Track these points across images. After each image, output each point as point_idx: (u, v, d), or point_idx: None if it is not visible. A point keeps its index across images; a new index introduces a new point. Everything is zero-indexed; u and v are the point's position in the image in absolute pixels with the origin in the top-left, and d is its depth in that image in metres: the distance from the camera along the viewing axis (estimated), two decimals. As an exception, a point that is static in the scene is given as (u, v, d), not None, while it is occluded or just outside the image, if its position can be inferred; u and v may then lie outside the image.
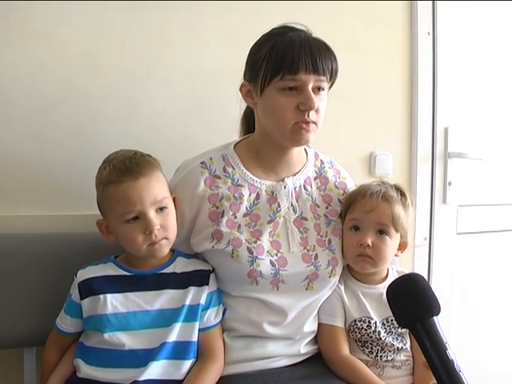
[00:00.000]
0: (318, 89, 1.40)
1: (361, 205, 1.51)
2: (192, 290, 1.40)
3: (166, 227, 1.36)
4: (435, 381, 0.93)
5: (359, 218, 1.51)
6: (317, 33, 1.44)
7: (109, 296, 1.36)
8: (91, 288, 1.37)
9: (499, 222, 2.52)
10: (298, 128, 1.39)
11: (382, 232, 1.51)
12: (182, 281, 1.41)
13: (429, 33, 2.25)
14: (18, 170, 1.65)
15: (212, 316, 1.43)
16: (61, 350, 1.44)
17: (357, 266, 1.54)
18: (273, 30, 1.44)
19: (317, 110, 1.40)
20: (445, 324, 1.58)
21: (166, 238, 1.36)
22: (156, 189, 1.36)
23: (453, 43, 2.30)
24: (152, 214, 1.34)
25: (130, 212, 1.33)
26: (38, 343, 1.51)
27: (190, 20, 1.83)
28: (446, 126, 2.32)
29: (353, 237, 1.52)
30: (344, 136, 2.11)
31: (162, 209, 1.36)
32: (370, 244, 1.49)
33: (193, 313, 1.39)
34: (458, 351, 1.76)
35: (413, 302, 0.95)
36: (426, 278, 2.32)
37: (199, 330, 1.41)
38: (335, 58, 1.42)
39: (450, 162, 2.33)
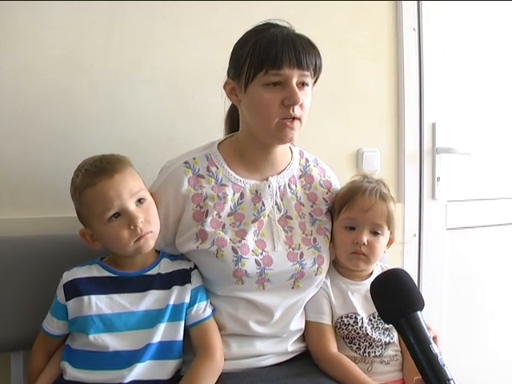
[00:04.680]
0: (302, 84, 1.40)
1: (359, 203, 1.51)
2: (175, 289, 1.40)
3: (149, 221, 1.36)
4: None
5: (356, 217, 1.51)
6: (302, 30, 1.44)
7: (93, 297, 1.35)
8: (76, 289, 1.36)
9: (489, 216, 2.52)
10: (282, 125, 1.39)
11: (376, 231, 1.52)
12: (166, 281, 1.41)
13: (414, 29, 2.25)
14: (1, 172, 1.64)
15: (200, 310, 1.42)
16: (48, 353, 1.43)
17: (350, 264, 1.54)
18: (256, 26, 1.44)
19: (301, 106, 1.39)
20: (435, 320, 1.60)
21: (151, 232, 1.36)
22: (131, 182, 1.36)
23: (438, 39, 2.31)
24: (132, 207, 1.34)
25: (110, 209, 1.32)
26: (25, 347, 1.50)
27: (173, 19, 1.83)
28: (434, 121, 2.32)
29: (348, 235, 1.52)
30: (331, 133, 2.11)
31: (140, 201, 1.37)
32: (366, 243, 1.50)
33: (177, 312, 1.39)
34: (448, 346, 1.76)
35: (396, 298, 0.94)
36: (416, 274, 2.32)
37: (190, 326, 1.41)
38: (319, 54, 1.42)
39: (438, 158, 2.34)
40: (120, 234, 1.33)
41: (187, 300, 1.40)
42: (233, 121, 1.59)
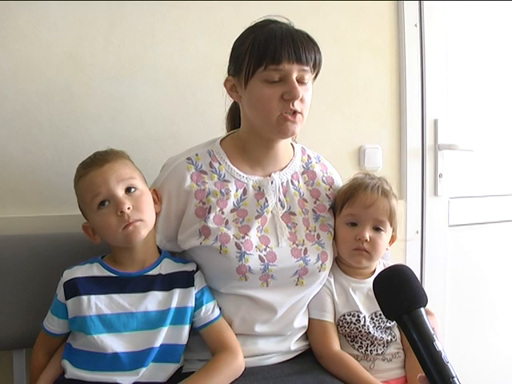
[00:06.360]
0: (302, 79, 1.39)
1: (361, 200, 1.51)
2: (177, 292, 1.39)
3: (138, 208, 1.35)
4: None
5: (358, 213, 1.51)
6: (304, 27, 1.43)
7: (93, 297, 1.35)
8: (76, 288, 1.35)
9: (491, 213, 2.51)
10: (283, 119, 1.39)
11: (378, 227, 1.52)
12: (167, 283, 1.40)
13: (416, 25, 2.24)
14: (2, 170, 1.64)
15: (209, 311, 1.41)
16: (49, 351, 1.43)
17: (353, 260, 1.54)
18: (255, 23, 1.44)
19: (302, 100, 1.39)
20: (438, 317, 1.60)
21: (140, 220, 1.35)
22: (120, 170, 1.37)
23: (440, 35, 2.30)
24: (120, 193, 1.34)
25: (97, 195, 1.33)
26: (28, 345, 1.50)
27: (173, 18, 1.82)
28: (436, 117, 2.31)
29: (350, 231, 1.52)
30: (333, 130, 2.11)
31: (130, 189, 1.36)
32: (368, 239, 1.50)
33: (181, 315, 1.38)
34: (451, 344, 1.74)
35: (399, 294, 0.94)
36: (419, 272, 2.32)
37: (201, 328, 1.41)
38: (318, 49, 1.41)
39: (440, 154, 2.32)
40: (108, 221, 1.33)
41: (191, 304, 1.39)
42: (234, 119, 1.59)
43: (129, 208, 1.33)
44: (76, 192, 1.40)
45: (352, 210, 1.52)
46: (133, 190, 1.36)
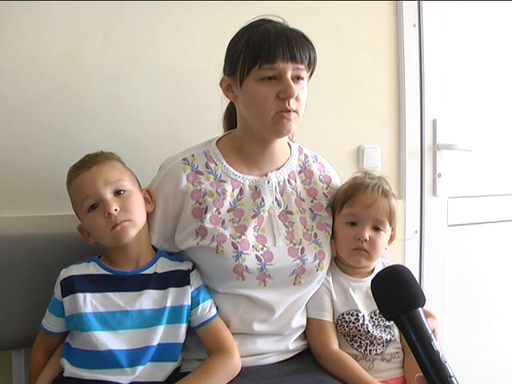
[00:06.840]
0: (297, 78, 1.40)
1: (361, 199, 1.51)
2: (172, 291, 1.40)
3: (126, 209, 1.36)
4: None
5: (358, 213, 1.51)
6: (303, 27, 1.43)
7: (88, 295, 1.36)
8: (72, 286, 1.36)
9: (490, 212, 2.51)
10: (278, 117, 1.39)
11: (378, 227, 1.52)
12: (162, 282, 1.40)
13: (414, 25, 2.24)
14: (1, 170, 1.64)
15: (206, 310, 1.42)
16: (48, 351, 1.43)
17: (352, 260, 1.54)
18: (249, 23, 1.44)
19: (297, 99, 1.39)
20: (436, 316, 1.60)
21: (129, 220, 1.36)
22: (109, 173, 1.38)
23: (439, 35, 2.30)
24: (108, 196, 1.35)
25: (86, 198, 1.35)
26: (26, 345, 1.50)
27: (172, 17, 1.82)
28: (434, 117, 2.31)
29: (349, 231, 1.52)
30: (332, 130, 2.11)
31: (119, 192, 1.37)
32: (368, 238, 1.50)
33: (177, 314, 1.39)
34: (450, 344, 1.74)
35: (397, 294, 0.94)
36: (418, 271, 2.32)
37: (198, 327, 1.41)
38: (313, 47, 1.42)
39: (439, 154, 2.32)
40: (97, 223, 1.35)
41: (187, 302, 1.40)
42: (231, 119, 1.59)
43: (116, 209, 1.34)
44: (68, 194, 1.42)
45: (352, 209, 1.52)
46: (122, 192, 1.38)
